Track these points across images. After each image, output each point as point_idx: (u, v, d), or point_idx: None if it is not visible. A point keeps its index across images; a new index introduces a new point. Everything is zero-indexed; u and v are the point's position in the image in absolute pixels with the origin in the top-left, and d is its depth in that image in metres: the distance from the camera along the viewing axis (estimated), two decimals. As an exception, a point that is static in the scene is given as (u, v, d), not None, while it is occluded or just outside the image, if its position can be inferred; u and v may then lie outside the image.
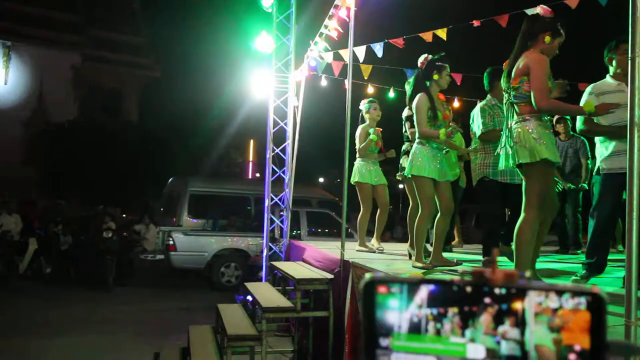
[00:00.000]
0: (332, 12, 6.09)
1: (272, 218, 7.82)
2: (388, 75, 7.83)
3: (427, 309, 0.64)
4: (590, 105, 3.25)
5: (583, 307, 0.61)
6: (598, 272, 3.65)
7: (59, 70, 34.22)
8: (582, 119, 3.81)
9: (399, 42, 6.07)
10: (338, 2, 5.86)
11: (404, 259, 5.05)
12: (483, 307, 0.63)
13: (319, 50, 6.87)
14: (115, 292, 9.94)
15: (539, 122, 3.28)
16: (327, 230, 10.74)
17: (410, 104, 4.57)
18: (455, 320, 0.64)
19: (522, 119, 3.31)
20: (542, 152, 3.19)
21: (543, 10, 3.44)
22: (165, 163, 22.80)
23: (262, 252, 7.97)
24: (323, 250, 5.60)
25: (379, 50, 6.25)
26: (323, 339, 4.75)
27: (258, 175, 24.20)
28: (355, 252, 5.49)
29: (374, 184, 5.87)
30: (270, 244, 7.73)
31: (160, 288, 10.83)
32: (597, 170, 3.75)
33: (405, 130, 5.48)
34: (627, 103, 2.17)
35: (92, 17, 35.81)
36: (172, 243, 10.30)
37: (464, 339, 0.64)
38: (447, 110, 4.51)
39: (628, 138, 2.14)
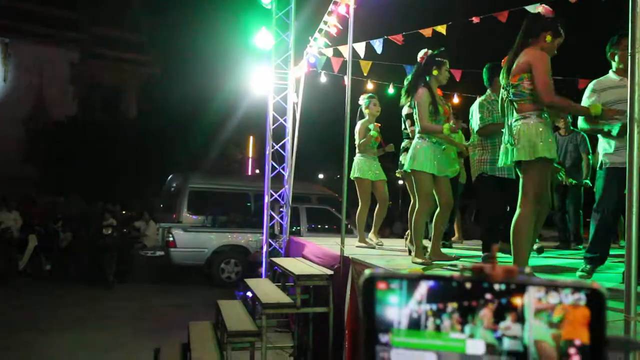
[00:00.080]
0: (331, 8, 6.08)
1: (271, 214, 7.83)
2: (388, 72, 7.82)
3: (426, 305, 0.65)
4: (598, 108, 3.25)
5: (583, 302, 0.61)
6: (600, 264, 3.65)
7: (58, 68, 34.16)
8: (583, 118, 3.80)
9: (398, 38, 6.06)
10: (337, -2, 5.85)
11: (404, 255, 5.05)
12: (483, 302, 0.63)
13: (319, 47, 6.86)
14: (115, 288, 9.95)
15: (539, 119, 3.28)
16: (326, 226, 10.74)
17: (408, 100, 4.55)
18: (455, 316, 0.64)
19: (521, 117, 3.32)
20: (540, 150, 3.20)
21: (544, 10, 3.44)
22: (165, 159, 22.77)
23: (261, 248, 7.98)
24: (323, 246, 5.60)
25: (379, 47, 6.23)
26: (323, 335, 4.76)
27: (258, 172, 24.20)
28: (355, 248, 5.49)
29: (374, 180, 5.87)
30: (270, 240, 7.73)
31: (160, 284, 10.84)
32: (600, 165, 3.73)
33: (405, 128, 5.47)
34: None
35: (91, 14, 35.72)
36: (172, 239, 10.30)
37: (464, 335, 0.64)
38: (446, 105, 4.53)
39: (628, 134, 2.14)
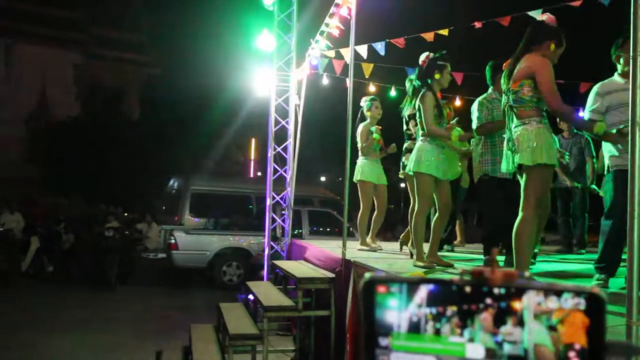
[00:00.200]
0: (333, 10, 6.08)
1: (273, 217, 7.83)
2: (389, 74, 7.83)
3: (426, 309, 0.65)
4: (601, 128, 3.25)
5: (582, 307, 0.61)
6: (614, 271, 3.57)
7: (61, 68, 34.27)
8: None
9: (400, 41, 6.06)
10: (339, 0, 5.85)
11: (406, 258, 5.05)
12: (482, 306, 0.63)
13: (321, 49, 6.86)
14: (117, 290, 9.95)
15: (539, 125, 3.29)
16: (328, 229, 10.74)
17: (413, 102, 4.56)
18: (455, 320, 0.64)
19: (521, 123, 3.33)
20: (540, 156, 3.21)
21: (548, 18, 3.45)
22: (167, 161, 22.79)
23: (263, 251, 7.98)
24: (324, 249, 5.60)
25: (381, 49, 6.24)
26: (324, 338, 4.76)
27: (259, 174, 24.20)
28: (357, 251, 5.49)
29: (376, 183, 5.88)
30: (272, 243, 7.73)
31: (162, 286, 10.84)
32: (607, 169, 3.69)
33: (409, 129, 5.45)
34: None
35: (93, 14, 35.83)
36: (174, 242, 10.30)
37: (463, 339, 0.64)
38: (447, 108, 4.54)
39: (629, 137, 2.13)
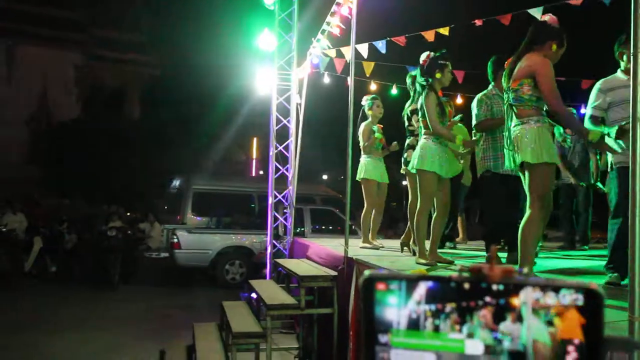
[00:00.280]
0: (334, 9, 6.08)
1: (275, 215, 7.83)
2: (390, 72, 7.82)
3: (425, 306, 0.65)
4: (595, 135, 3.26)
5: (580, 302, 0.61)
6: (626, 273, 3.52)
7: (62, 69, 34.29)
8: (588, 119, 3.76)
9: (401, 40, 6.05)
10: (340, -1, 5.85)
11: (408, 256, 5.05)
12: (481, 303, 0.64)
13: (322, 48, 6.86)
14: (120, 289, 9.97)
15: (539, 124, 3.29)
16: (330, 227, 10.74)
17: (415, 98, 4.58)
18: (454, 317, 0.64)
19: (521, 122, 3.33)
20: (540, 155, 3.23)
21: (550, 19, 3.45)
22: (169, 161, 22.81)
23: (266, 249, 7.99)
24: (327, 247, 5.61)
25: (382, 47, 6.23)
26: (327, 336, 4.76)
27: (261, 173, 24.20)
28: (359, 249, 5.49)
29: (380, 181, 5.88)
30: (274, 242, 7.74)
31: (165, 286, 10.87)
32: (610, 166, 3.68)
33: (411, 124, 5.43)
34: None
35: (94, 15, 35.84)
36: (176, 241, 10.32)
37: (462, 335, 0.64)
38: (449, 106, 4.55)
39: (631, 134, 2.13)
